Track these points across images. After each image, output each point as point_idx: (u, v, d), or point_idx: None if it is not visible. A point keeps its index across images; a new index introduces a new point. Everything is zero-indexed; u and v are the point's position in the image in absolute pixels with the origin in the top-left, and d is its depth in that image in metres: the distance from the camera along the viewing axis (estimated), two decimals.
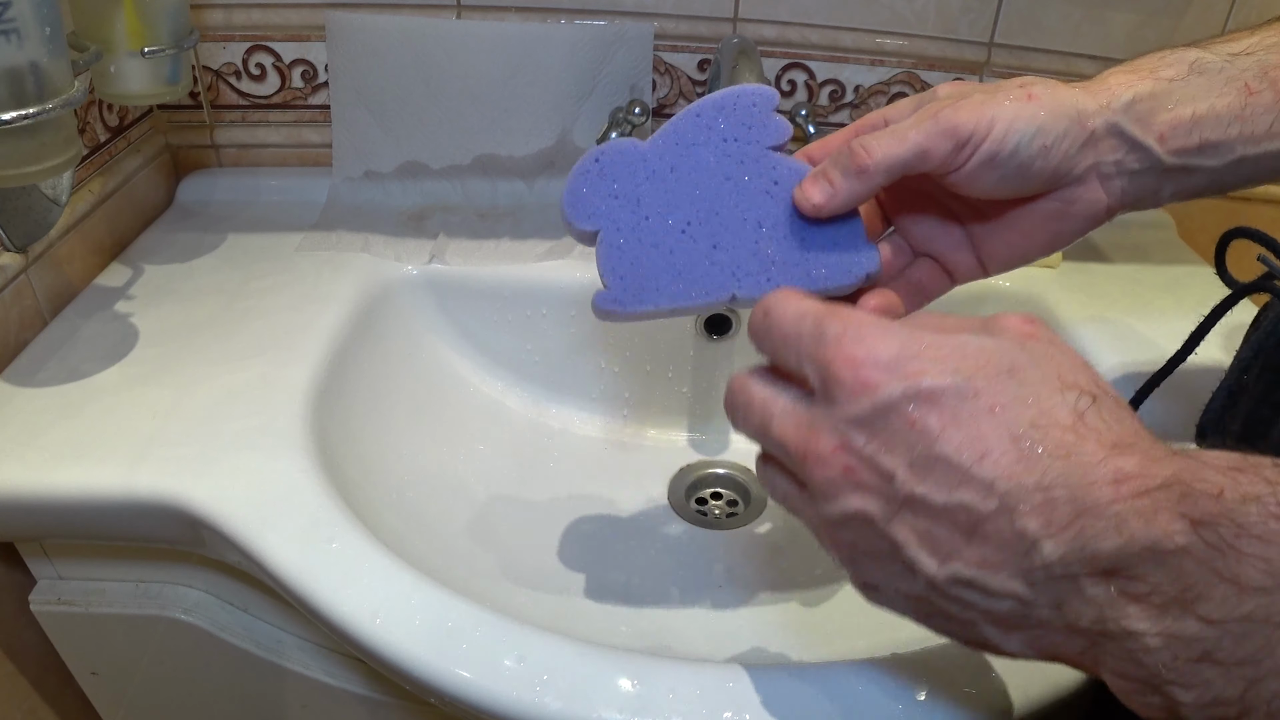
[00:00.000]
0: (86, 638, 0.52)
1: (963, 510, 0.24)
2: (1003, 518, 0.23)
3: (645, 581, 0.53)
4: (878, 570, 0.27)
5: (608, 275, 0.35)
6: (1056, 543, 0.23)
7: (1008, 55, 0.67)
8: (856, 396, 0.25)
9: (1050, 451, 0.23)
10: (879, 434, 0.25)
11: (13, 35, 0.39)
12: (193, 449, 0.45)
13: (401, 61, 0.65)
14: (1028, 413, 0.24)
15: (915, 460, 0.25)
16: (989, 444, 0.24)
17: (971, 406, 0.24)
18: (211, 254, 0.62)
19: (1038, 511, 0.23)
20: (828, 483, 0.26)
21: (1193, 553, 0.21)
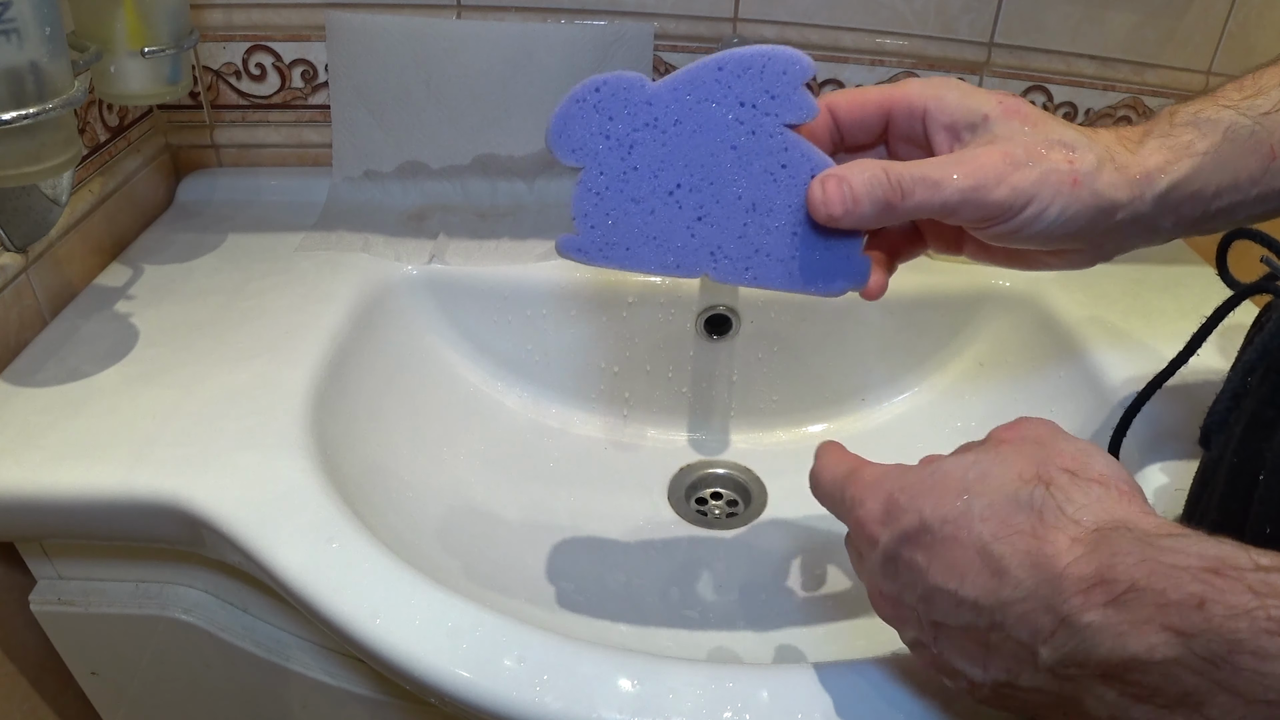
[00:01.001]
0: (86, 638, 0.52)
1: (971, 628, 0.26)
2: (998, 631, 0.25)
3: (645, 581, 0.53)
4: (957, 676, 0.28)
5: (580, 220, 0.32)
6: (1050, 649, 0.24)
7: (1008, 55, 0.67)
8: (871, 552, 0.30)
9: (1018, 562, 0.25)
10: (893, 578, 0.29)
11: (13, 35, 0.39)
12: (193, 449, 0.45)
13: (401, 61, 0.65)
14: (988, 527, 0.26)
15: (921, 594, 0.28)
16: (963, 567, 0.26)
17: (940, 536, 0.27)
18: (211, 254, 0.62)
19: (1023, 622, 0.24)
20: (888, 620, 0.31)
21: (1185, 663, 0.21)
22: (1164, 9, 0.66)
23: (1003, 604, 0.25)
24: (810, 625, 0.50)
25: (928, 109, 0.36)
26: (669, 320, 0.63)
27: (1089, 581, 0.23)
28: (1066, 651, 0.23)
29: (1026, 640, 0.24)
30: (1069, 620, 0.23)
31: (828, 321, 0.63)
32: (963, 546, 0.26)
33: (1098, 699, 0.23)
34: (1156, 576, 0.22)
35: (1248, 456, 0.34)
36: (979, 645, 0.26)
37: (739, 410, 0.65)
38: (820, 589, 0.52)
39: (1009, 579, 0.25)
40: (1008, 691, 0.26)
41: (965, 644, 0.27)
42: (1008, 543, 0.25)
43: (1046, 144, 0.34)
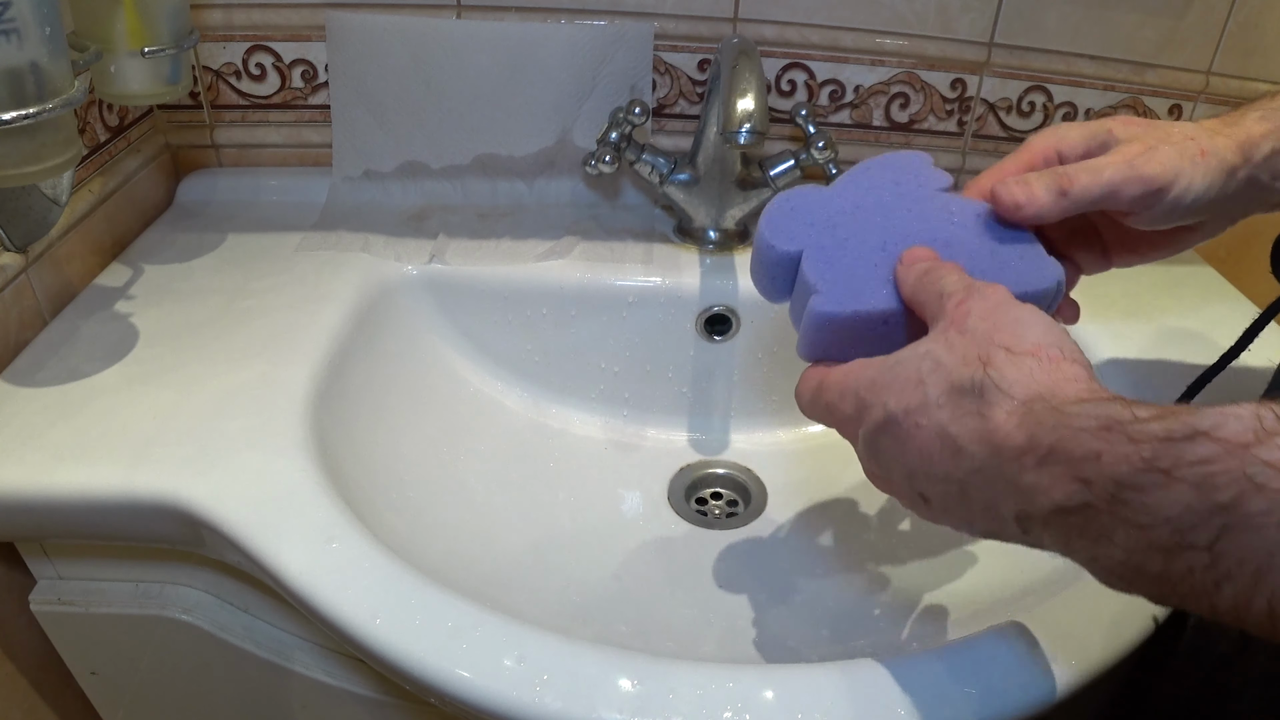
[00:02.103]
0: (86, 638, 0.52)
1: (949, 495, 0.31)
2: (968, 497, 0.30)
3: (645, 581, 0.53)
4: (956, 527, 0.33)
5: (821, 283, 0.36)
6: (1008, 507, 0.29)
7: (1008, 55, 0.67)
8: (856, 445, 0.34)
9: (969, 439, 0.29)
10: (877, 462, 0.33)
11: (13, 35, 0.39)
12: (193, 449, 0.45)
13: (401, 61, 0.65)
14: (944, 413, 0.30)
15: (903, 474, 0.32)
16: (929, 451, 0.30)
17: (906, 426, 0.31)
18: (211, 254, 0.62)
19: (984, 489, 0.29)
20: (887, 493, 0.35)
21: (1095, 505, 0.26)
22: (1164, 9, 0.66)
23: (966, 476, 0.29)
24: (810, 625, 0.50)
25: (1060, 151, 0.40)
26: (669, 320, 0.63)
27: (1021, 450, 0.28)
28: (1019, 508, 0.28)
29: (990, 502, 0.29)
30: (1014, 482, 0.28)
31: None
32: (926, 432, 0.30)
33: (1053, 541, 0.28)
34: (1066, 439, 0.26)
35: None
36: (961, 506, 0.31)
37: (739, 410, 0.65)
38: (820, 589, 0.52)
39: (965, 455, 0.29)
40: (993, 536, 0.31)
41: (951, 507, 0.31)
42: (960, 424, 0.29)
43: (1168, 133, 0.39)
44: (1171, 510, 0.23)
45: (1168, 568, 0.24)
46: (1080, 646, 0.37)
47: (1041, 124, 0.71)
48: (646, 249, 0.65)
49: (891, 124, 0.71)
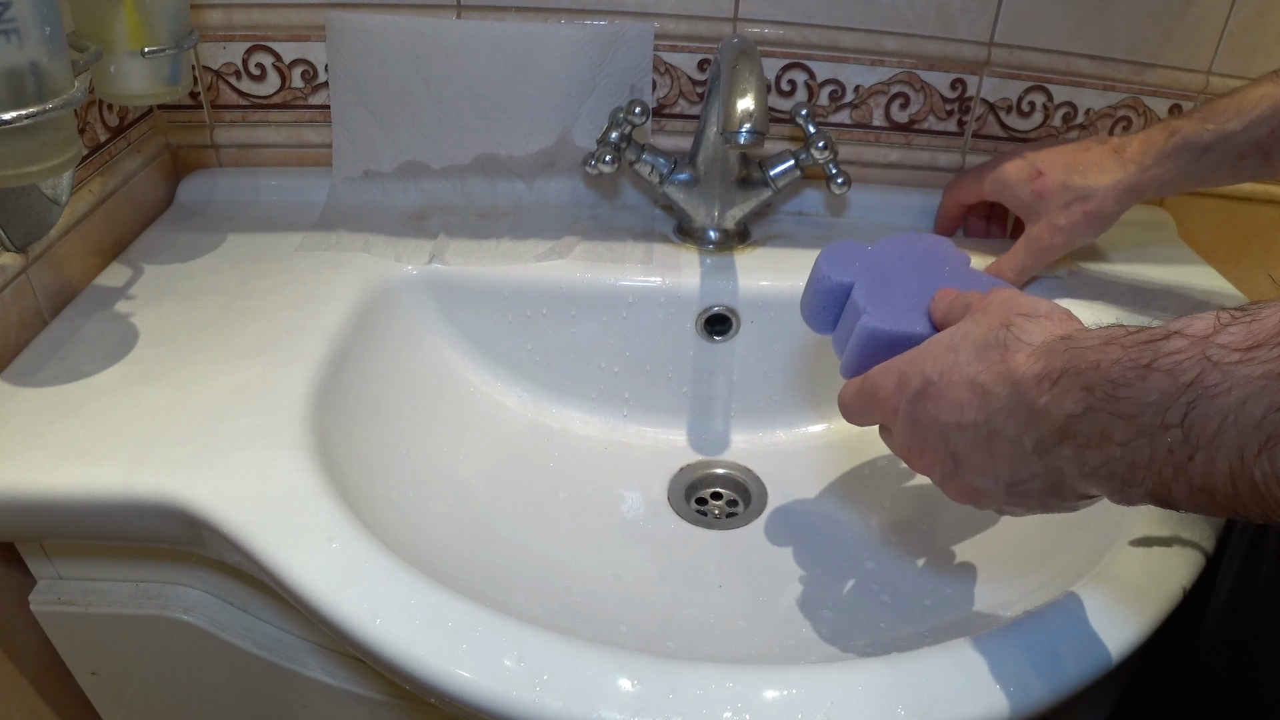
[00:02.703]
0: (86, 638, 0.52)
1: (977, 444, 0.35)
2: (995, 438, 0.34)
3: (645, 581, 0.53)
4: (985, 499, 0.37)
5: (870, 307, 0.44)
6: (1029, 435, 0.33)
7: (1008, 55, 0.67)
8: (896, 420, 0.39)
9: (995, 382, 0.34)
10: (916, 431, 0.38)
11: (13, 35, 0.39)
12: (193, 449, 0.45)
13: (401, 61, 0.65)
14: (972, 367, 0.35)
15: (939, 433, 0.37)
16: (962, 401, 0.35)
17: (941, 384, 0.36)
18: (211, 254, 0.62)
19: (1008, 422, 0.34)
20: (923, 470, 0.39)
21: (1097, 408, 0.30)
22: (1164, 9, 0.66)
23: (992, 415, 0.34)
24: (810, 625, 0.50)
25: (1002, 203, 0.64)
26: (669, 320, 0.63)
27: (1039, 377, 0.32)
28: (1039, 433, 0.32)
29: (1014, 435, 0.33)
30: (1032, 408, 0.32)
31: None
32: (958, 386, 0.35)
33: (1067, 460, 0.32)
34: (1073, 358, 0.31)
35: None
36: (987, 456, 0.35)
37: (739, 410, 0.65)
38: (820, 589, 0.52)
39: (992, 396, 0.34)
40: (1017, 489, 0.35)
41: (977, 460, 0.35)
42: (987, 373, 0.34)
43: (1068, 206, 0.58)
44: (1150, 396, 0.28)
45: (1154, 452, 0.28)
46: (1085, 645, 0.37)
47: (1042, 124, 0.71)
48: (646, 249, 0.65)
49: (891, 124, 0.71)
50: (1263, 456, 0.25)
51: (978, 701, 0.35)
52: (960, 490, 0.38)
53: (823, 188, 0.70)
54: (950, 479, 0.38)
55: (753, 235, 0.68)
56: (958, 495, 0.38)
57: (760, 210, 0.68)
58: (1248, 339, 0.26)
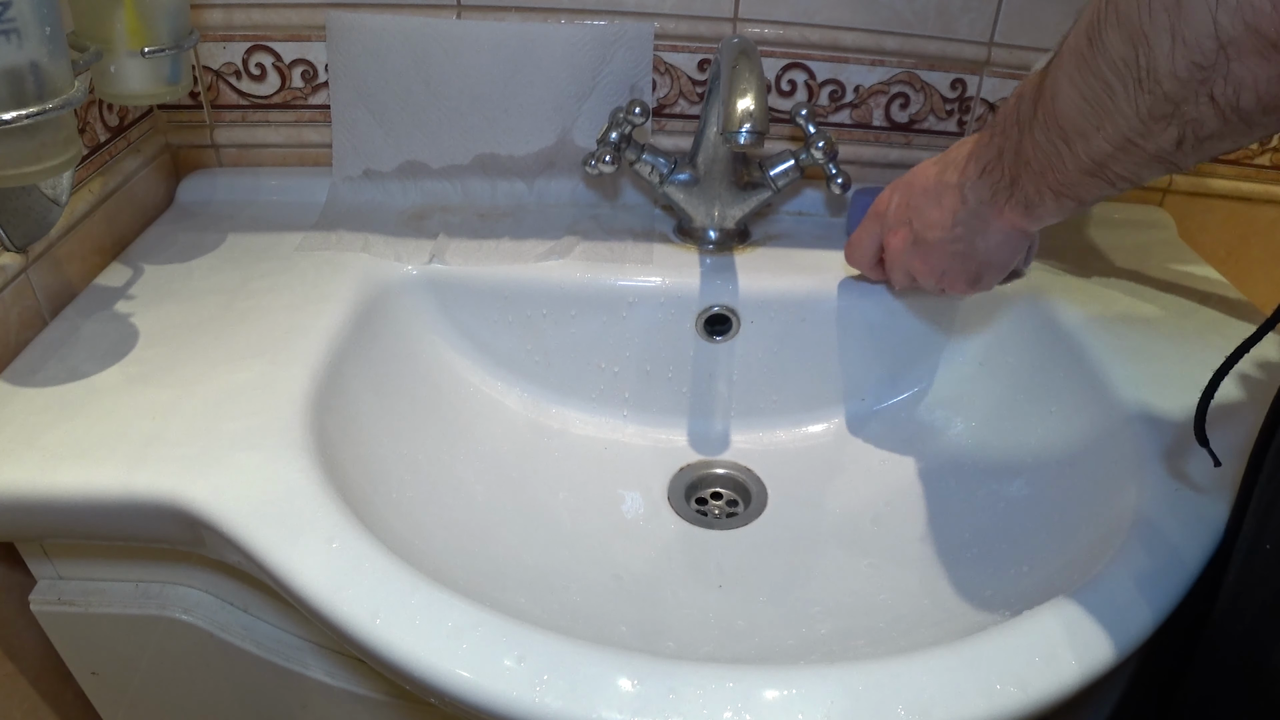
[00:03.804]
0: (86, 638, 0.52)
1: (931, 202, 0.49)
2: (943, 190, 0.48)
3: (645, 581, 0.53)
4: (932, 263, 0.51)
5: None
6: (964, 178, 0.47)
7: (1007, 55, 0.67)
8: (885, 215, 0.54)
9: (956, 150, 0.48)
10: (894, 214, 0.53)
11: (13, 35, 0.39)
12: (193, 449, 0.45)
13: (401, 61, 0.65)
14: (939, 156, 0.50)
15: (909, 207, 0.51)
16: (929, 169, 0.50)
17: (915, 171, 0.52)
18: (211, 254, 0.62)
19: (952, 173, 0.48)
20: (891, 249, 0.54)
21: (994, 135, 0.44)
22: None
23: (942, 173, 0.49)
24: (810, 625, 0.50)
25: None
26: (669, 320, 0.63)
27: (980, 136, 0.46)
28: (968, 173, 0.46)
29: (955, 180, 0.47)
30: (972, 153, 0.46)
31: (827, 321, 0.63)
32: (926, 166, 0.51)
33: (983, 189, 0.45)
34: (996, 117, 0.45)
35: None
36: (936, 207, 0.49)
37: (739, 410, 0.65)
38: (820, 589, 0.52)
39: (951, 158, 0.49)
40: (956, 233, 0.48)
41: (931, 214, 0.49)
42: (948, 152, 0.49)
43: None
44: (1009, 109, 0.42)
45: (1016, 146, 0.41)
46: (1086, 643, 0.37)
47: None
48: (646, 249, 0.65)
49: (891, 124, 0.71)
50: (1035, 119, 0.38)
51: (978, 701, 0.35)
52: (920, 254, 0.50)
53: (823, 188, 0.70)
54: (914, 246, 0.50)
55: (753, 235, 0.68)
56: (918, 263, 0.51)
57: (760, 210, 0.68)
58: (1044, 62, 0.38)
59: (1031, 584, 0.46)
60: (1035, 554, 0.48)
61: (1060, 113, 0.37)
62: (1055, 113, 0.37)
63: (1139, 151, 0.34)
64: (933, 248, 0.49)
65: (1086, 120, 0.36)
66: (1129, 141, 0.34)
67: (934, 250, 0.49)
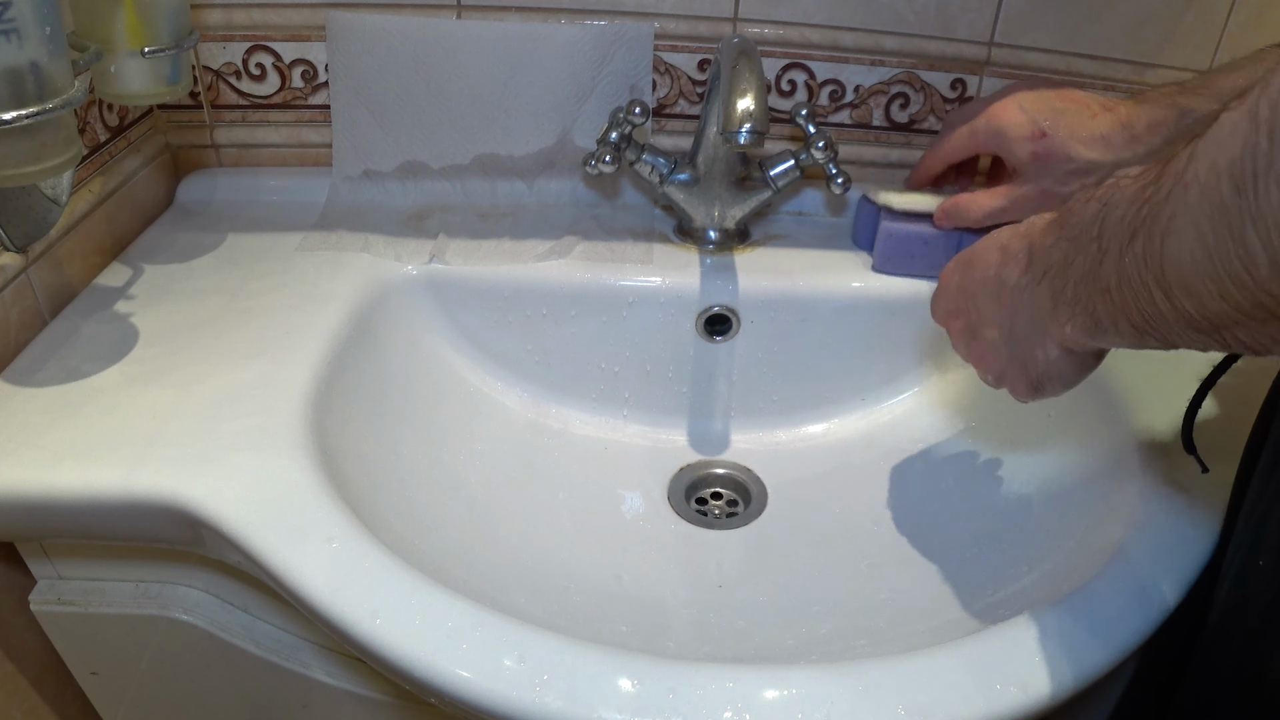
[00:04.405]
0: (86, 638, 0.52)
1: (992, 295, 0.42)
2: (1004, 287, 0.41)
3: (645, 581, 0.53)
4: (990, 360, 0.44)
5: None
6: (1025, 278, 0.39)
7: (1008, 55, 0.67)
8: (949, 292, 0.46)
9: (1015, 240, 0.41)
10: (953, 297, 0.45)
11: (13, 35, 0.39)
12: (193, 449, 0.45)
13: (401, 61, 0.65)
14: (1004, 235, 0.42)
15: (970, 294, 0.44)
16: (990, 260, 0.42)
17: (978, 251, 0.44)
18: (211, 254, 0.62)
19: (1014, 269, 0.40)
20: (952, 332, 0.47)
21: (1062, 238, 0.36)
22: (1164, 9, 0.66)
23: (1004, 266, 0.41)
24: (810, 625, 0.50)
25: (996, 154, 0.58)
26: (669, 320, 0.63)
27: (1045, 227, 0.38)
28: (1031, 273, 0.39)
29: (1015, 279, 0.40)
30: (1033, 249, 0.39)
31: (828, 321, 0.63)
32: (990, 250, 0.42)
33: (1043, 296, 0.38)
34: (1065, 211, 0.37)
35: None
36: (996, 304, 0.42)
37: (739, 410, 0.65)
38: (820, 589, 0.52)
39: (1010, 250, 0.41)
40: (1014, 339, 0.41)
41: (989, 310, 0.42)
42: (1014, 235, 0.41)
43: (1066, 181, 0.55)
44: (1086, 216, 0.34)
45: (1088, 263, 0.34)
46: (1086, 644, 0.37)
47: None
48: (646, 249, 0.65)
49: (891, 124, 0.71)
50: (1129, 248, 0.31)
51: (978, 701, 0.35)
52: (978, 348, 0.44)
53: (823, 188, 0.70)
54: (972, 337, 0.45)
55: (753, 235, 0.68)
56: (976, 356, 0.45)
57: (760, 210, 0.68)
58: (1145, 170, 0.31)
59: (1031, 584, 0.46)
60: (1035, 554, 0.48)
61: (1169, 260, 0.29)
62: (1162, 258, 0.29)
63: None
64: (990, 347, 0.43)
65: (1205, 280, 0.27)
66: (1272, 316, 0.26)
67: (991, 350, 0.43)
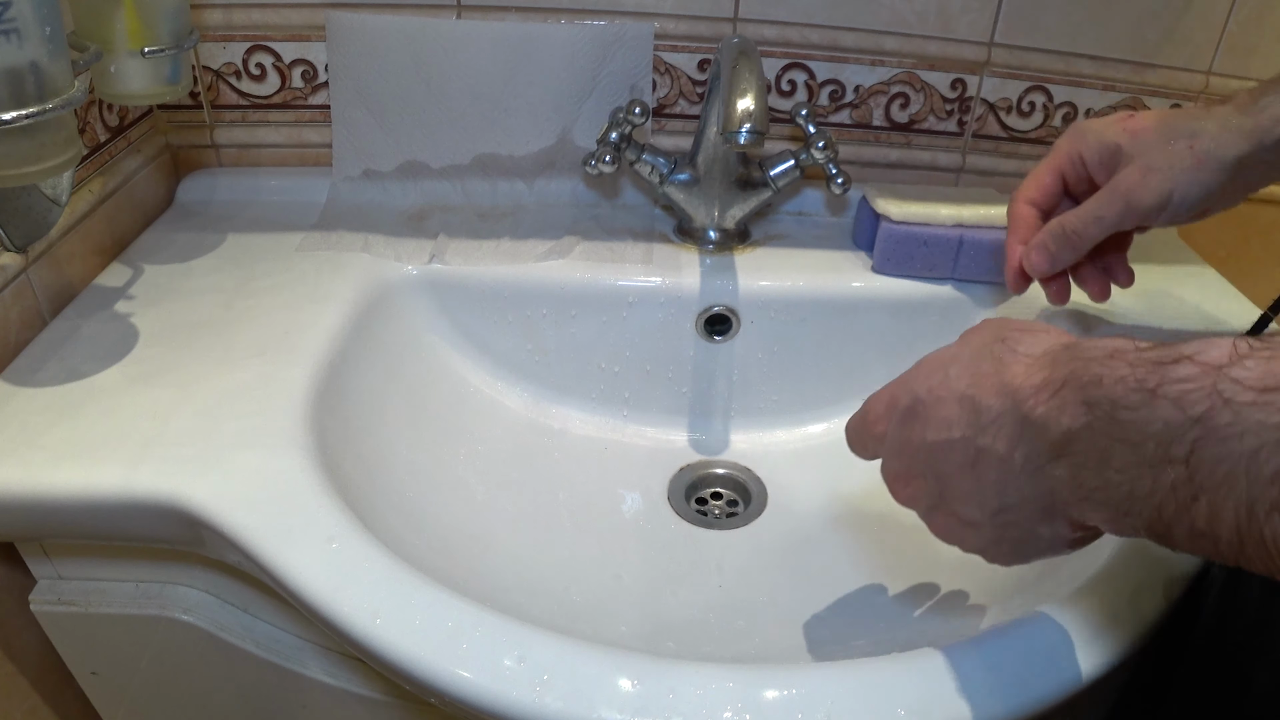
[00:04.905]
0: (86, 638, 0.52)
1: (964, 465, 0.32)
2: (983, 456, 0.32)
3: (645, 581, 0.53)
4: (969, 538, 0.35)
5: None
6: (1020, 451, 0.30)
7: (1007, 55, 0.67)
8: (883, 447, 0.37)
9: (987, 394, 0.31)
10: (902, 456, 0.36)
11: (13, 35, 0.39)
12: (193, 449, 0.45)
13: (401, 61, 0.65)
14: (963, 381, 0.33)
15: (925, 456, 0.34)
16: (950, 418, 0.33)
17: (930, 401, 0.34)
18: (211, 254, 0.62)
19: (999, 436, 0.31)
20: (906, 502, 0.37)
21: (1096, 428, 0.27)
22: (1164, 9, 0.66)
23: (982, 429, 0.31)
24: (810, 625, 0.50)
25: (1084, 158, 0.48)
26: (669, 320, 0.63)
27: (1038, 387, 0.30)
28: (1031, 447, 0.30)
29: (1004, 452, 0.31)
30: (1027, 419, 0.30)
31: (828, 321, 0.63)
32: (947, 403, 0.33)
33: (1060, 481, 0.29)
34: (1076, 369, 0.28)
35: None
36: (973, 479, 0.32)
37: (739, 410, 0.65)
38: (820, 589, 0.52)
39: (983, 408, 0.31)
40: (1005, 517, 0.32)
41: (963, 485, 0.33)
42: (977, 386, 0.32)
43: (1170, 143, 0.44)
44: (1155, 425, 0.25)
45: (1155, 485, 0.26)
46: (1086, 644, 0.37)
47: (1041, 124, 0.71)
48: (646, 249, 0.65)
49: (891, 124, 0.71)
50: (1275, 515, 0.23)
51: (978, 702, 0.35)
52: (946, 523, 0.35)
53: (823, 188, 0.70)
54: (935, 510, 0.35)
55: (753, 235, 0.68)
56: (943, 531, 0.36)
57: (760, 210, 0.68)
58: (1266, 378, 0.23)
59: (1032, 585, 0.46)
60: None
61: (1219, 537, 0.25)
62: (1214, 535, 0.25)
63: None
64: (967, 526, 0.35)
65: None
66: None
67: (970, 530, 0.35)
